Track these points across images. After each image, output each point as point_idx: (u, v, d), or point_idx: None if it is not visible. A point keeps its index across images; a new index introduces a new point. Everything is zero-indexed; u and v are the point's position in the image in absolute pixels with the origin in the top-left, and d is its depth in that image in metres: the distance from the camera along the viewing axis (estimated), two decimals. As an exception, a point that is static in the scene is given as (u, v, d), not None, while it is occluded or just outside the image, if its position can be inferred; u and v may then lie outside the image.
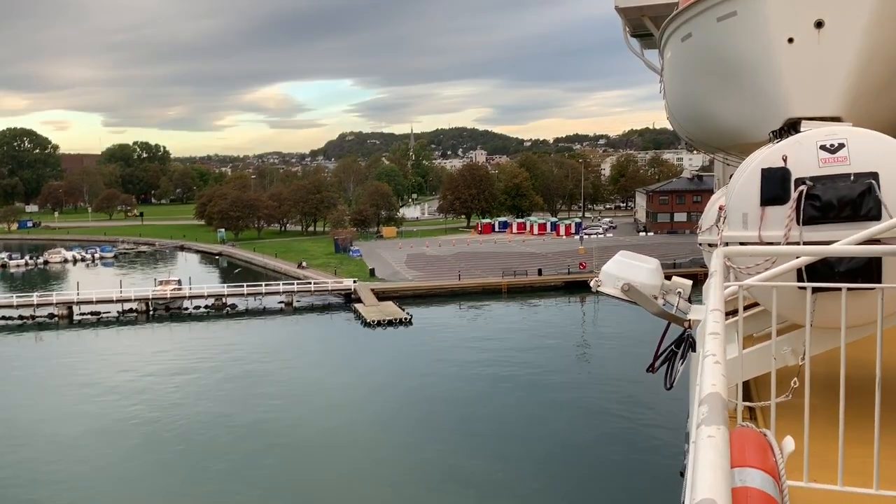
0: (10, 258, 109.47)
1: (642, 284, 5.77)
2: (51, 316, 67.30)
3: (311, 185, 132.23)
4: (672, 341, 5.61)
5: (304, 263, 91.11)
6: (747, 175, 6.18)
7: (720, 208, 7.55)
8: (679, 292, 5.85)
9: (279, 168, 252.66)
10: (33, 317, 67.26)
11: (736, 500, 2.05)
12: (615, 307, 68.83)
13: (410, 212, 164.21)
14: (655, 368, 5.70)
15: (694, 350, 5.41)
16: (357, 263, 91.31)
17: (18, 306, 67.93)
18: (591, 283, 5.98)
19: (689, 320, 5.61)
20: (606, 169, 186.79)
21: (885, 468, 4.13)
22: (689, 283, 6.15)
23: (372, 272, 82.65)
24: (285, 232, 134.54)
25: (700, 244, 9.97)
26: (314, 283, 74.54)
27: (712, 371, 2.40)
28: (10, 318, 67.03)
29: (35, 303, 68.05)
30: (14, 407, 41.16)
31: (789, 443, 2.65)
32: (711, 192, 22.46)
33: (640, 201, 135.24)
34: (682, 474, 5.54)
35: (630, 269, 5.87)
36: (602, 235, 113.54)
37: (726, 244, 6.42)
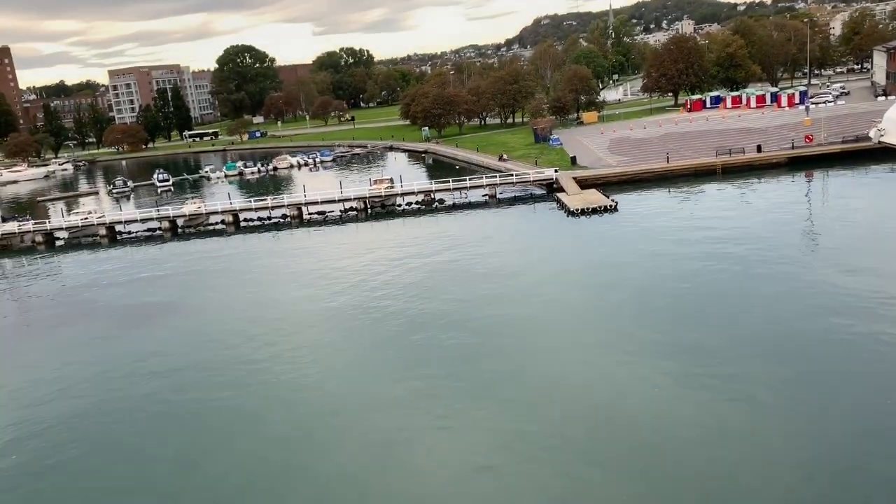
0: (245, 166, 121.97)
1: None
2: (284, 217, 74.56)
3: (508, 76, 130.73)
4: None
5: (504, 156, 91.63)
6: None
7: None
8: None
9: (476, 61, 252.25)
10: (269, 218, 75.06)
11: None
12: (848, 183, 62.04)
13: (611, 94, 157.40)
14: None
15: None
16: (558, 152, 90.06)
17: (256, 209, 75.92)
18: (871, 133, 5.27)
19: None
20: (837, 28, 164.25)
21: None
22: None
23: (573, 160, 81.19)
24: (485, 126, 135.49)
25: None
26: (516, 175, 74.95)
27: None
28: (251, 219, 75.34)
29: (270, 205, 75.61)
30: (257, 297, 46.73)
31: None
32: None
33: (879, 61, 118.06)
34: None
35: None
36: (833, 104, 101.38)
37: None
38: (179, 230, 75.01)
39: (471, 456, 24.53)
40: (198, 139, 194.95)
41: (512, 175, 75.27)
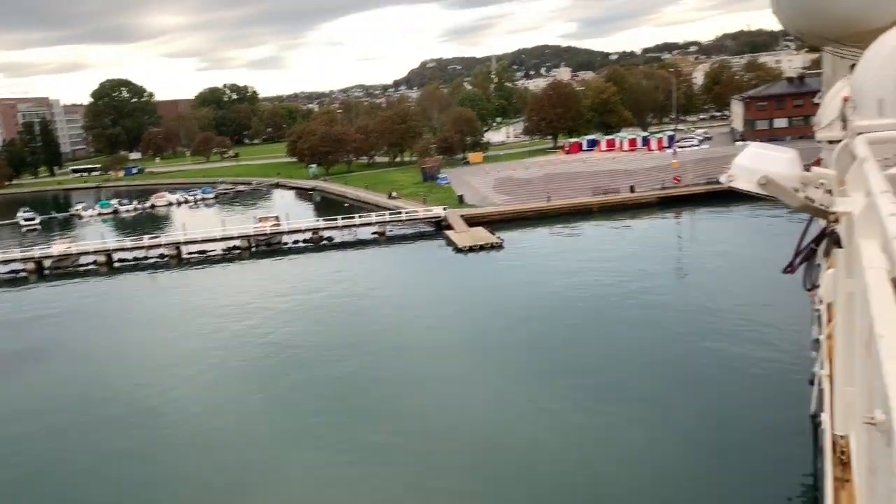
0: (121, 204, 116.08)
1: (781, 176, 5.28)
2: (161, 256, 71.33)
3: (396, 116, 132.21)
4: (812, 238, 5.22)
5: (394, 193, 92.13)
6: (884, 59, 5.63)
7: (844, 100, 6.97)
8: (822, 184, 5.36)
9: (364, 101, 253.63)
10: (146, 258, 71.57)
11: None
12: (712, 221, 66.40)
13: (495, 136, 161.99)
14: (795, 268, 5.35)
15: (840, 246, 4.99)
16: (445, 191, 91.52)
17: (132, 248, 72.25)
18: (723, 179, 5.63)
19: (836, 213, 5.10)
20: (699, 77, 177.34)
21: None
22: (833, 173, 5.63)
23: (461, 199, 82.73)
24: (374, 164, 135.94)
25: (819, 141, 9.31)
26: (405, 213, 75.44)
27: None
28: (125, 260, 71.56)
29: (146, 245, 72.21)
30: (133, 342, 44.27)
31: None
32: (815, 94, 20.91)
33: (737, 109, 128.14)
34: (812, 382, 5.29)
35: (766, 161, 5.42)
36: (697, 147, 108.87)
37: (859, 135, 5.92)
38: (46, 272, 70.14)
39: (348, 488, 24.00)
40: (85, 174, 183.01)
41: (401, 213, 75.67)
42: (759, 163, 5.49)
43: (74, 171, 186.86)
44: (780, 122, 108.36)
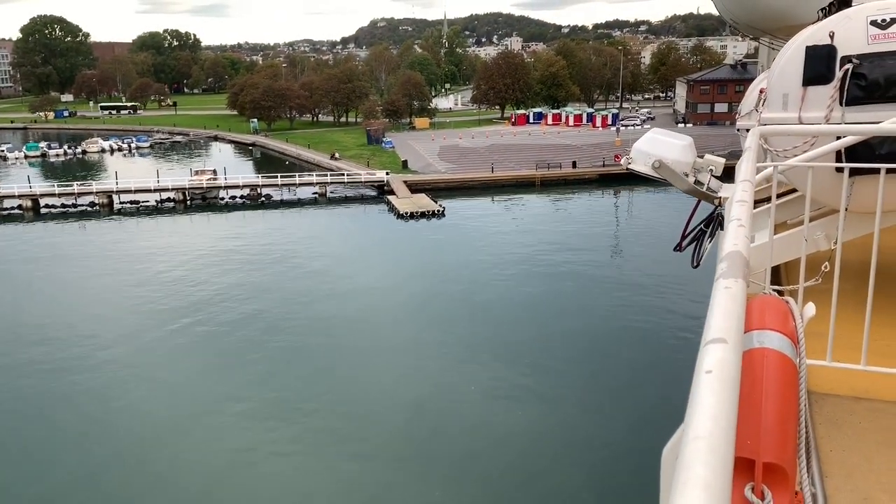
0: (50, 147, 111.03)
1: (674, 161, 5.63)
2: (92, 205, 68.93)
3: (343, 75, 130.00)
4: (701, 220, 5.55)
5: (336, 155, 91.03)
6: (790, 54, 5.90)
7: (761, 91, 7.28)
8: (711, 170, 5.72)
9: (310, 56, 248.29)
10: (75, 205, 69.06)
11: (752, 361, 2.08)
12: (648, 198, 67.99)
13: (443, 102, 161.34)
14: (683, 247, 5.68)
15: (723, 228, 5.37)
16: (389, 155, 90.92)
17: (60, 195, 69.60)
18: (622, 161, 5.88)
19: (720, 198, 5.50)
20: (647, 57, 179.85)
21: None
22: (722, 160, 5.98)
23: (405, 164, 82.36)
24: (318, 123, 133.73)
25: (738, 130, 9.68)
26: (347, 175, 74.69)
27: (735, 233, 2.39)
28: (53, 206, 68.90)
29: (76, 191, 69.65)
30: (58, 292, 42.96)
31: (810, 308, 2.66)
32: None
33: (681, 91, 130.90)
34: None
35: (662, 146, 5.73)
36: (640, 127, 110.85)
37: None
38: (-35, 214, 67.05)
39: (288, 462, 24.12)
40: (114, 112, 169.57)
41: (343, 175, 74.87)
42: (655, 148, 5.76)
43: (103, 107, 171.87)
44: (721, 107, 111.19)
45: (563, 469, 23.18)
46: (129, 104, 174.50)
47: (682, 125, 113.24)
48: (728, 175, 6.09)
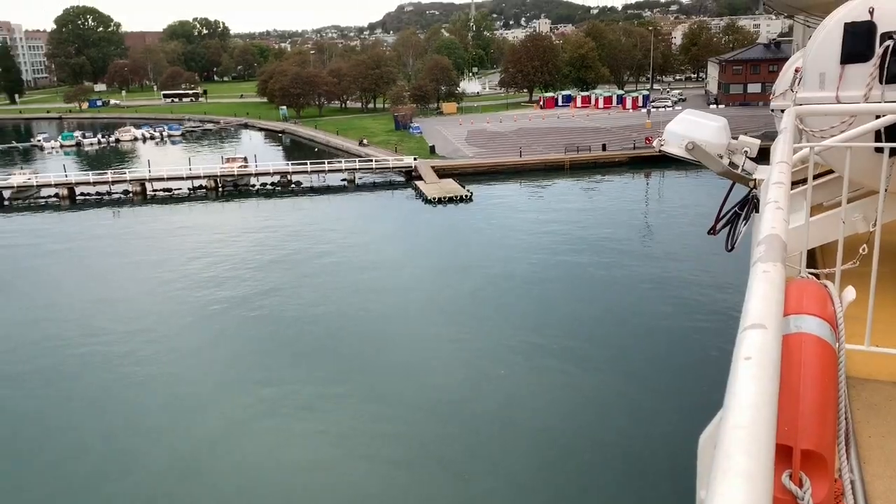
0: (84, 137, 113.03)
1: (707, 143, 5.51)
2: (125, 192, 70.07)
3: (370, 61, 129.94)
4: (736, 203, 5.45)
5: (364, 141, 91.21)
6: (828, 31, 5.74)
7: (796, 70, 7.10)
8: (746, 151, 5.59)
9: (338, 43, 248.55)
10: (110, 193, 70.27)
11: (790, 346, 2.04)
12: (681, 181, 67.06)
13: (471, 86, 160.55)
14: (717, 230, 5.58)
15: (758, 211, 5.25)
16: (417, 140, 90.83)
17: (95, 183, 70.83)
18: (654, 143, 5.78)
19: (755, 180, 5.38)
20: (678, 37, 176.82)
21: None
22: (757, 142, 5.84)
23: (432, 149, 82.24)
24: (346, 109, 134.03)
25: (773, 110, 9.47)
26: (375, 161, 74.83)
27: (773, 215, 2.34)
28: (88, 194, 70.18)
29: (110, 180, 70.83)
30: (93, 278, 43.81)
31: (850, 292, 2.59)
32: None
33: (712, 72, 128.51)
34: None
35: (695, 127, 5.61)
36: (671, 108, 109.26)
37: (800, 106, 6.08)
38: (6, 203, 68.55)
39: (312, 449, 24.40)
40: (176, 100, 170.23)
41: (371, 161, 75.03)
42: (688, 129, 5.65)
43: (165, 95, 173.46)
44: (754, 87, 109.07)
45: (595, 456, 23.13)
46: (191, 92, 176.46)
47: (715, 106, 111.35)
48: (763, 157, 5.95)
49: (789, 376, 1.93)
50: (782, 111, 7.73)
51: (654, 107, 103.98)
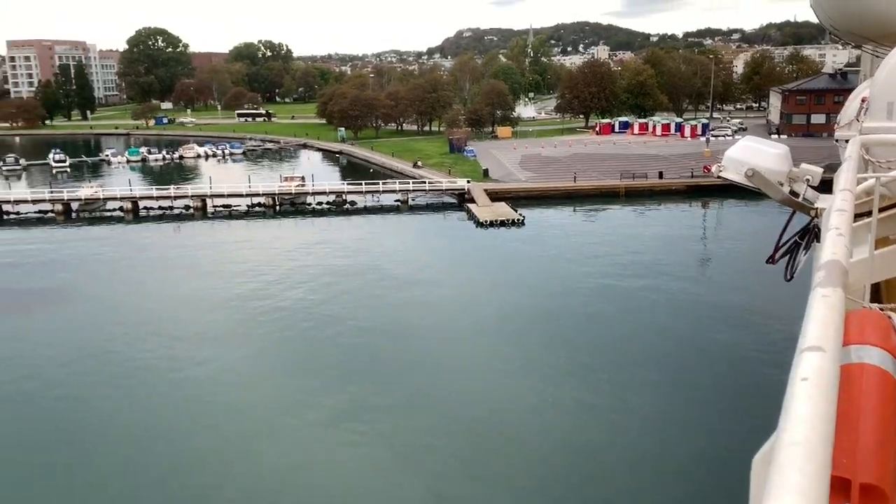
0: (150, 153, 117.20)
1: (768, 170, 5.41)
2: (187, 207, 72.16)
3: (428, 85, 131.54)
4: (796, 232, 5.32)
5: (419, 163, 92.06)
6: (896, 61, 5.62)
7: (863, 100, 6.94)
8: (807, 179, 5.47)
9: (396, 67, 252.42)
10: (171, 208, 72.47)
11: (851, 376, 1.99)
12: (739, 210, 65.63)
13: (527, 111, 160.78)
14: (776, 259, 5.46)
15: (819, 240, 5.11)
16: (471, 164, 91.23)
17: (158, 198, 73.18)
18: (713, 169, 5.71)
19: (817, 209, 5.26)
20: (739, 66, 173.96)
21: None
22: (820, 170, 5.72)
23: (486, 173, 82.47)
24: (402, 131, 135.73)
25: (837, 141, 9.24)
26: (429, 183, 75.41)
27: (834, 241, 2.30)
28: (151, 208, 72.50)
29: (172, 195, 73.05)
30: (154, 290, 45.07)
31: None
32: (856, 89, 20.36)
33: (775, 101, 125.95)
34: None
35: (756, 154, 5.52)
36: (731, 137, 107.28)
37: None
38: (73, 214, 71.36)
39: (364, 464, 24.47)
40: (249, 119, 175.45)
41: (425, 183, 75.65)
42: (748, 155, 5.56)
43: (239, 115, 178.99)
44: (818, 118, 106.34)
45: (648, 482, 22.61)
46: (263, 111, 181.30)
47: (776, 136, 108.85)
48: (825, 187, 5.82)
49: (849, 407, 1.88)
50: (847, 142, 7.55)
51: (713, 135, 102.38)
